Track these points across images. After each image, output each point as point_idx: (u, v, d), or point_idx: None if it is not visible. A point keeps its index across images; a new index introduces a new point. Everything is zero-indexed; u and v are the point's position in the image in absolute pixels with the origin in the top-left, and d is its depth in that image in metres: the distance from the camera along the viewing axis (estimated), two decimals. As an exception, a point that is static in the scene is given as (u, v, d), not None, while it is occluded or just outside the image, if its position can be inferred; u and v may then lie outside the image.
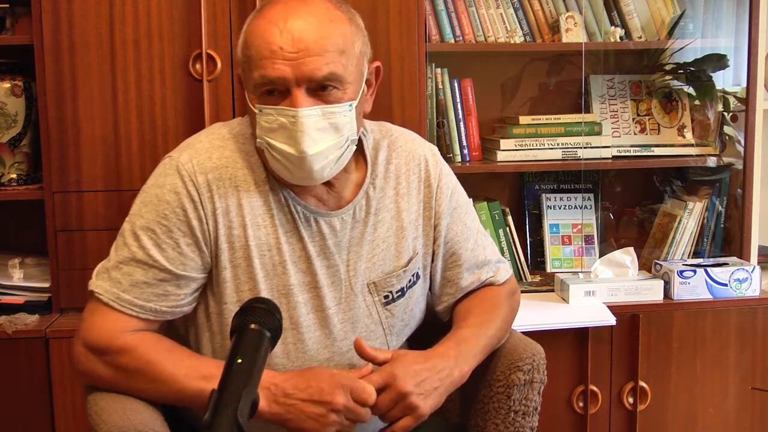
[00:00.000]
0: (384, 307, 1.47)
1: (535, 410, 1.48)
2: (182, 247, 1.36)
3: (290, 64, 1.29)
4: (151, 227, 1.36)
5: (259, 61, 1.30)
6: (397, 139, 1.53)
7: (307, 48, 1.29)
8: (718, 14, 2.50)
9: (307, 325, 1.41)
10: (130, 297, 1.35)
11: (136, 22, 2.08)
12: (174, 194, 1.36)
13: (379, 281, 1.46)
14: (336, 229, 1.43)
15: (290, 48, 1.29)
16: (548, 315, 2.19)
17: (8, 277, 2.17)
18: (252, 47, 1.32)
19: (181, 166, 1.37)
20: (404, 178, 1.50)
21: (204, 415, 0.93)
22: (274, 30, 1.30)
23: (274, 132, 1.32)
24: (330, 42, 1.31)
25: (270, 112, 1.32)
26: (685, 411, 2.29)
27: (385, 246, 1.47)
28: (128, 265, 1.36)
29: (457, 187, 1.58)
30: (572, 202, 2.57)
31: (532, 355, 1.47)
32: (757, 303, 2.29)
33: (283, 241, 1.40)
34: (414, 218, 1.50)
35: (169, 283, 1.36)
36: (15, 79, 2.17)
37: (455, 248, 1.54)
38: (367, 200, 1.46)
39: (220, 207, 1.37)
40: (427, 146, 1.57)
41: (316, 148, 1.31)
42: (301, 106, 1.30)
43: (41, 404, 2.05)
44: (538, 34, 2.44)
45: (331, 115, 1.32)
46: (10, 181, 2.19)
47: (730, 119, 2.49)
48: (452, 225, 1.54)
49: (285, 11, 1.31)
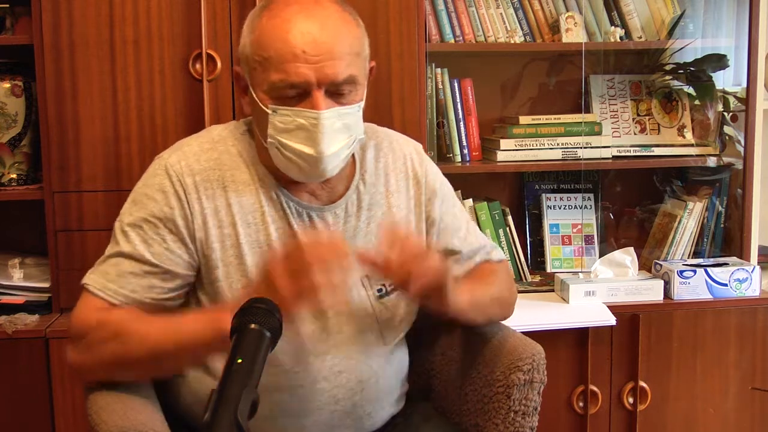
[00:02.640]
0: (378, 300, 1.48)
1: (535, 410, 1.48)
2: (169, 244, 1.38)
3: (313, 67, 1.30)
4: (139, 224, 1.39)
5: (281, 65, 1.31)
6: (383, 139, 1.56)
7: (329, 51, 1.31)
8: (718, 14, 2.50)
9: (301, 319, 1.41)
10: (116, 286, 1.38)
11: (136, 22, 2.08)
12: (161, 193, 1.39)
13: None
14: (329, 223, 1.45)
15: (313, 51, 1.30)
16: (548, 315, 2.19)
17: (8, 277, 2.17)
18: (269, 48, 1.32)
19: (170, 166, 1.41)
20: (393, 176, 1.53)
21: (204, 415, 0.93)
22: (295, 32, 1.31)
23: (289, 132, 1.34)
24: (348, 45, 1.34)
25: (287, 113, 1.33)
26: (685, 411, 2.29)
27: (377, 241, 1.48)
28: (116, 258, 1.39)
29: (444, 181, 1.61)
30: (572, 202, 2.57)
31: (532, 355, 1.47)
32: (757, 303, 2.29)
33: (274, 238, 1.41)
34: (405, 214, 1.52)
35: (155, 276, 1.38)
36: (15, 79, 2.17)
37: (448, 238, 1.57)
38: (358, 195, 1.48)
39: (209, 207, 1.39)
40: (412, 144, 1.60)
41: (332, 149, 1.35)
42: (321, 108, 1.32)
43: (41, 404, 2.05)
44: (538, 34, 2.44)
45: (346, 116, 1.35)
46: (10, 181, 2.19)
47: (730, 119, 2.49)
48: (443, 216, 1.56)
49: (302, 13, 1.33)
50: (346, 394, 1.44)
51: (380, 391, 1.49)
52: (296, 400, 1.41)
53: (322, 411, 1.43)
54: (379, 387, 1.49)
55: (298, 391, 1.41)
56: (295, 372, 1.41)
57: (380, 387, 1.49)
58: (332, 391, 1.43)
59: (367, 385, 1.47)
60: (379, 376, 1.48)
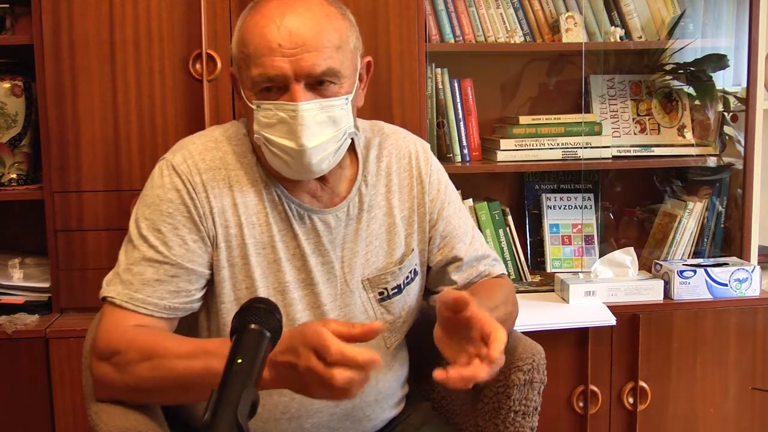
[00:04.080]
0: (379, 303, 1.48)
1: (535, 410, 1.48)
2: (189, 243, 1.37)
3: (289, 60, 1.30)
4: (157, 227, 1.36)
5: (258, 59, 1.31)
6: (388, 136, 1.54)
7: (305, 44, 1.30)
8: (718, 14, 2.50)
9: (302, 321, 1.41)
10: (143, 296, 1.34)
11: (136, 22, 2.08)
12: (175, 192, 1.37)
13: (373, 278, 1.47)
14: (331, 226, 1.44)
15: (288, 44, 1.30)
16: (548, 315, 2.19)
17: (8, 277, 2.17)
18: (249, 45, 1.33)
19: (177, 165, 1.39)
20: (395, 175, 1.51)
21: (204, 415, 0.93)
22: (272, 27, 1.31)
23: (272, 127, 1.33)
24: (327, 37, 1.32)
25: (269, 107, 1.33)
26: (685, 411, 2.29)
27: (378, 243, 1.48)
28: (138, 266, 1.36)
29: (448, 183, 1.59)
30: (572, 202, 2.57)
31: (532, 355, 1.47)
32: (757, 303, 2.29)
33: (277, 239, 1.41)
34: (407, 215, 1.51)
35: (181, 279, 1.36)
36: (15, 79, 2.17)
37: (453, 243, 1.54)
38: (360, 197, 1.47)
39: (216, 206, 1.38)
40: (419, 142, 1.57)
41: (315, 141, 1.33)
42: (300, 101, 1.31)
43: (41, 404, 2.05)
44: (538, 34, 2.44)
45: (330, 109, 1.34)
46: (10, 181, 2.20)
47: (730, 119, 2.49)
48: (449, 219, 1.54)
49: (281, 8, 1.33)
50: None
51: (380, 393, 1.49)
52: (296, 402, 1.41)
53: (322, 413, 1.43)
54: (379, 390, 1.49)
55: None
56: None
57: (380, 390, 1.49)
58: None
59: (367, 388, 1.45)
60: (379, 380, 1.48)
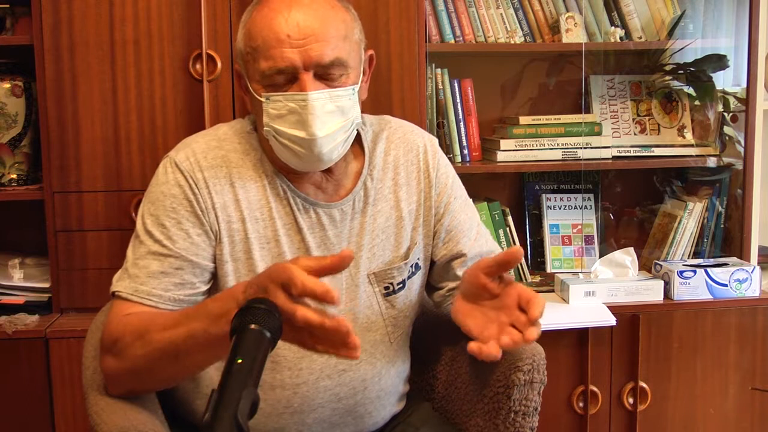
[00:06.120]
0: (384, 298, 1.48)
1: (535, 410, 1.48)
2: (192, 237, 1.38)
3: (298, 51, 1.32)
4: (161, 222, 1.38)
5: (267, 51, 1.33)
6: (396, 130, 1.56)
7: (314, 34, 1.32)
8: (718, 14, 2.50)
9: None
10: (148, 288, 1.36)
11: (136, 22, 2.08)
12: (178, 187, 1.39)
13: (379, 272, 1.48)
14: (336, 219, 1.45)
15: (297, 35, 1.32)
16: (548, 315, 2.15)
17: (8, 277, 2.17)
18: (258, 38, 1.35)
19: (179, 163, 1.41)
20: (403, 168, 1.52)
21: (204, 415, 0.93)
22: (279, 19, 1.33)
23: (282, 118, 1.35)
24: (334, 28, 1.35)
25: (278, 98, 1.35)
26: (685, 411, 2.29)
27: (384, 236, 1.49)
28: (144, 260, 1.37)
29: (455, 178, 1.60)
30: (572, 203, 2.57)
31: (532, 355, 1.47)
32: (757, 303, 2.29)
33: (281, 234, 1.42)
34: (414, 208, 1.52)
35: (185, 271, 1.37)
36: (15, 79, 2.17)
37: (458, 237, 1.55)
38: (365, 191, 1.48)
39: (219, 202, 1.40)
40: (426, 137, 1.59)
41: (325, 131, 1.34)
42: (309, 90, 1.33)
43: (41, 404, 2.05)
44: (538, 34, 2.44)
45: (338, 98, 1.36)
46: (10, 181, 2.20)
47: (730, 119, 2.49)
48: (454, 214, 1.55)
49: (287, 1, 1.35)
50: (349, 392, 1.45)
51: (382, 390, 1.50)
52: (299, 397, 1.41)
53: (324, 408, 1.44)
54: (381, 386, 1.49)
55: (300, 388, 1.41)
56: (298, 369, 1.41)
57: (382, 386, 1.49)
58: (335, 389, 1.43)
59: (370, 384, 1.47)
60: (382, 375, 1.49)
